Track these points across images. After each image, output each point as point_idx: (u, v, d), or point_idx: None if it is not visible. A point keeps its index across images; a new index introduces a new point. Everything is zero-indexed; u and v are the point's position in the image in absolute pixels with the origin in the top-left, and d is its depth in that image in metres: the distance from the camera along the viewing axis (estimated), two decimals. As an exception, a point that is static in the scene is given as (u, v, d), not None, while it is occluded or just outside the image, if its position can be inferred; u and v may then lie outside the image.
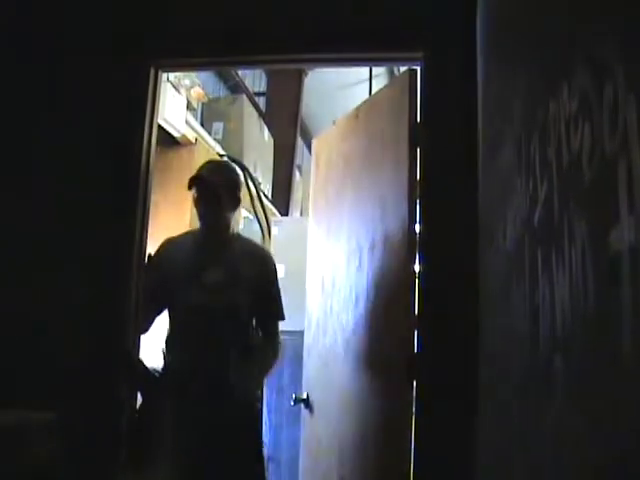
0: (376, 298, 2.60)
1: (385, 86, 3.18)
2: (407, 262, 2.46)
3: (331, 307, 2.98)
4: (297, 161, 7.37)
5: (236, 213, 2.83)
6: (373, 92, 4.71)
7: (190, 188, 2.62)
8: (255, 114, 5.82)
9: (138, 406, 2.59)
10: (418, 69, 2.57)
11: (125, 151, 2.63)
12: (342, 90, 3.22)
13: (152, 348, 2.77)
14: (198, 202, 2.66)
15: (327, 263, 3.10)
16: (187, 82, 4.46)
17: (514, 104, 1.25)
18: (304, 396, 3.12)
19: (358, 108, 3.00)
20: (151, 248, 2.73)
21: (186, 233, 2.93)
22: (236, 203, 2.76)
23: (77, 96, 2.70)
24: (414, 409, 2.37)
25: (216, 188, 2.62)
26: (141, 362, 2.56)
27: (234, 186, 2.76)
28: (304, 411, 3.14)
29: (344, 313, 2.83)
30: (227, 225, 2.74)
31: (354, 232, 2.83)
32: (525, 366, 1.12)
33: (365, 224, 2.74)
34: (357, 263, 2.76)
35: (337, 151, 3.14)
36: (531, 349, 1.06)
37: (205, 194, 2.64)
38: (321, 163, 3.35)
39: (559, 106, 0.83)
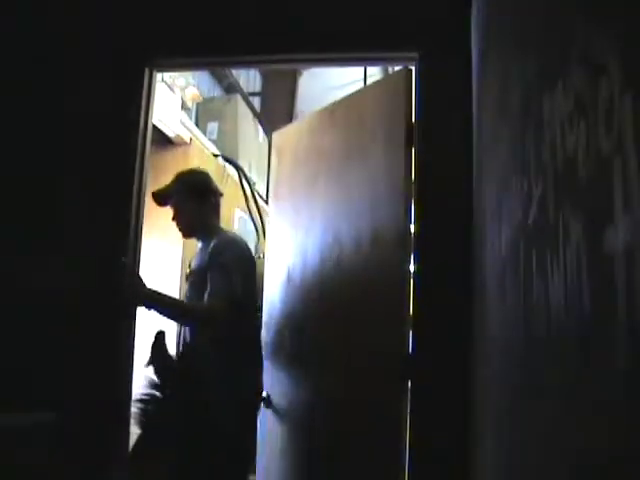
0: (361, 295, 2.58)
1: (371, 85, 3.16)
2: (401, 261, 2.45)
3: (301, 300, 2.95)
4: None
5: (209, 205, 2.90)
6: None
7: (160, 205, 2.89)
8: (250, 114, 5.81)
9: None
10: (413, 69, 2.57)
11: (120, 151, 2.62)
12: (337, 90, 3.22)
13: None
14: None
15: (294, 256, 3.05)
16: (181, 82, 4.46)
17: (509, 103, 1.25)
18: (264, 395, 3.01)
19: (334, 104, 2.99)
20: (145, 248, 2.74)
21: None
22: (204, 199, 2.88)
23: (71, 96, 2.69)
24: (409, 410, 2.37)
25: (169, 201, 2.86)
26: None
27: (192, 185, 2.89)
28: (264, 410, 3.04)
29: (317, 308, 2.82)
30: (204, 225, 2.88)
31: (330, 227, 2.81)
32: (520, 366, 1.12)
33: (347, 220, 2.72)
34: (335, 258, 2.75)
35: (307, 146, 3.11)
36: (526, 349, 1.06)
37: (172, 209, 2.88)
38: (285, 156, 3.31)
39: (554, 105, 0.82)
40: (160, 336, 2.51)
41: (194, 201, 2.85)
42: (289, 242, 3.12)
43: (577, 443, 0.73)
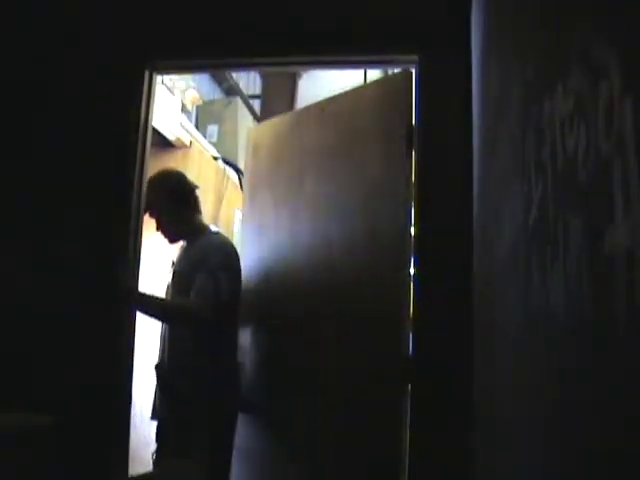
0: (359, 297, 2.56)
1: (368, 85, 3.14)
2: (401, 263, 2.45)
3: (288, 301, 2.87)
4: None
5: (189, 206, 2.85)
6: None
7: None
8: (250, 116, 5.82)
9: None
10: (413, 71, 2.57)
11: (119, 153, 2.62)
12: (337, 93, 3.25)
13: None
14: None
15: (275, 257, 2.99)
16: (182, 85, 4.46)
17: (509, 104, 1.25)
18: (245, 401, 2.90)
19: (323, 102, 2.95)
20: (145, 250, 2.74)
21: None
22: (183, 201, 2.81)
23: (71, 98, 2.69)
24: (409, 412, 2.37)
25: (147, 210, 2.76)
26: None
27: (168, 190, 2.80)
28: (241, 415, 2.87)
29: (310, 309, 2.76)
30: (188, 227, 2.84)
31: (319, 228, 2.77)
32: (521, 368, 1.12)
33: (339, 222, 2.69)
34: (324, 260, 2.72)
35: (290, 142, 3.05)
36: (527, 350, 1.06)
37: (154, 219, 2.83)
38: (263, 153, 3.22)
39: (554, 106, 0.83)
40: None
41: (174, 206, 2.80)
42: (268, 243, 3.04)
43: (579, 443, 0.73)
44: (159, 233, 2.87)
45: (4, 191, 2.64)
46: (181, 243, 2.95)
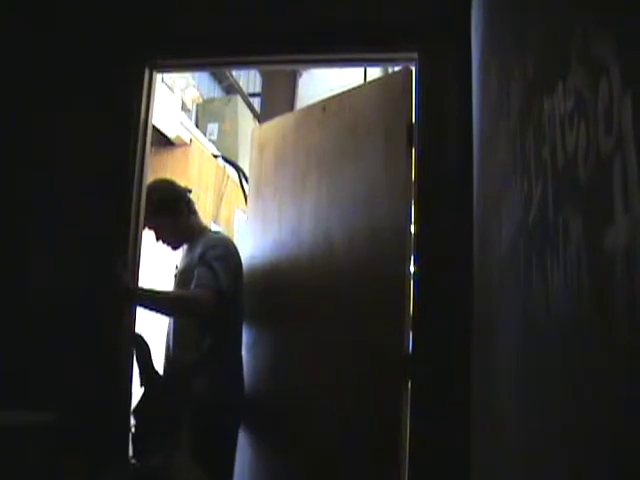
0: (359, 294, 2.56)
1: (369, 83, 3.14)
2: (401, 261, 2.45)
3: (290, 299, 2.88)
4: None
5: (184, 212, 2.89)
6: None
7: None
8: (250, 115, 5.83)
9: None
10: (413, 69, 2.57)
11: (120, 151, 2.62)
12: (336, 91, 3.24)
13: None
14: None
15: (278, 254, 3.00)
16: (182, 83, 4.47)
17: (509, 103, 1.25)
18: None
19: (325, 101, 2.95)
20: (145, 248, 2.75)
21: None
22: (177, 209, 2.86)
23: (71, 97, 2.69)
24: (409, 411, 2.36)
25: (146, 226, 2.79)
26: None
27: (160, 202, 2.82)
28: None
29: (311, 308, 2.76)
30: (187, 231, 2.89)
31: (321, 226, 2.79)
32: (520, 367, 1.11)
33: (341, 220, 2.70)
34: (326, 257, 2.73)
35: (294, 142, 3.05)
36: (526, 349, 1.06)
37: (152, 232, 2.88)
38: (267, 153, 3.23)
39: (554, 104, 0.82)
40: (140, 340, 2.52)
41: (169, 216, 2.84)
42: (271, 241, 3.06)
43: (578, 443, 0.73)
44: (160, 244, 2.90)
45: (4, 191, 2.64)
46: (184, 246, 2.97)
